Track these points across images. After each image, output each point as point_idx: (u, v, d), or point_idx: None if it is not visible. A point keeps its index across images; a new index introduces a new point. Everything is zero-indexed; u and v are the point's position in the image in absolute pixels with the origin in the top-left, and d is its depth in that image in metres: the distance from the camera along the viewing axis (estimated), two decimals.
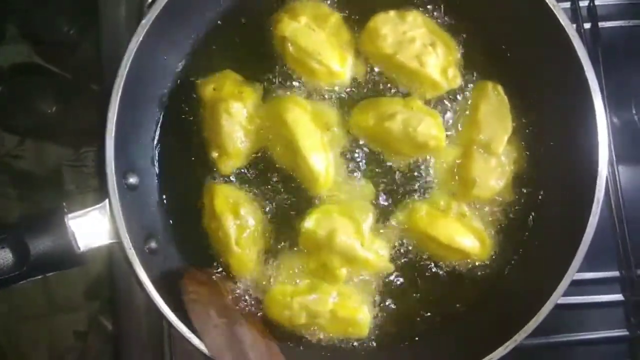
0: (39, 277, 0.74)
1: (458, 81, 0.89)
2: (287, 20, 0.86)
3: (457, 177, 0.88)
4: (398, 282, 0.88)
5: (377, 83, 0.90)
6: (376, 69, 0.90)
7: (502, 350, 0.77)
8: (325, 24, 0.87)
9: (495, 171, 0.86)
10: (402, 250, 0.88)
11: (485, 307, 0.87)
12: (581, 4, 1.01)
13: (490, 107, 0.87)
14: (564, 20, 0.80)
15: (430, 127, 0.85)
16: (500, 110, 0.87)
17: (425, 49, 0.86)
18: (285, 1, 0.91)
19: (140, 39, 0.79)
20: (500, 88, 0.87)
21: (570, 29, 0.80)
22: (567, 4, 1.01)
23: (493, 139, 0.86)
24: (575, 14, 1.00)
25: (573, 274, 0.77)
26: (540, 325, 0.77)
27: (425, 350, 0.87)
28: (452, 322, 0.88)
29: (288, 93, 0.88)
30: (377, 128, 0.86)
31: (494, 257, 0.88)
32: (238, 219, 0.85)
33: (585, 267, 0.79)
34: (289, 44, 0.86)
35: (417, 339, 0.88)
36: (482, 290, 0.88)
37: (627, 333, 0.95)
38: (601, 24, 1.01)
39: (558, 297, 0.77)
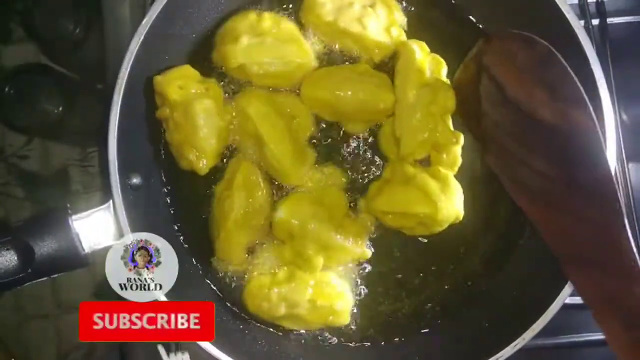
0: (44, 279, 0.74)
1: (403, 39, 0.88)
2: (232, 48, 0.84)
3: (392, 143, 0.86)
4: (382, 269, 0.87)
5: (338, 57, 0.89)
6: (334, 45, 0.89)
7: (510, 350, 0.77)
8: (264, 28, 0.86)
9: (417, 126, 0.83)
10: (382, 235, 0.87)
11: (491, 304, 0.87)
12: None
13: (400, 65, 0.86)
14: (570, 15, 0.79)
15: (380, 90, 0.85)
16: (408, 65, 0.84)
17: (365, 11, 0.86)
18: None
19: (142, 38, 0.78)
20: (413, 46, 0.85)
21: (578, 25, 0.79)
22: (575, 0, 0.99)
23: (403, 93, 0.84)
24: (583, 10, 0.99)
25: None
26: (547, 325, 0.76)
27: (425, 347, 0.87)
28: (455, 319, 0.88)
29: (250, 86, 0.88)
30: (329, 98, 0.85)
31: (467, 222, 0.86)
32: (249, 199, 0.84)
33: None
34: (250, 66, 0.85)
35: (412, 334, 0.88)
36: (486, 287, 0.88)
37: None
38: (610, 20, 1.00)
39: (566, 296, 0.76)
